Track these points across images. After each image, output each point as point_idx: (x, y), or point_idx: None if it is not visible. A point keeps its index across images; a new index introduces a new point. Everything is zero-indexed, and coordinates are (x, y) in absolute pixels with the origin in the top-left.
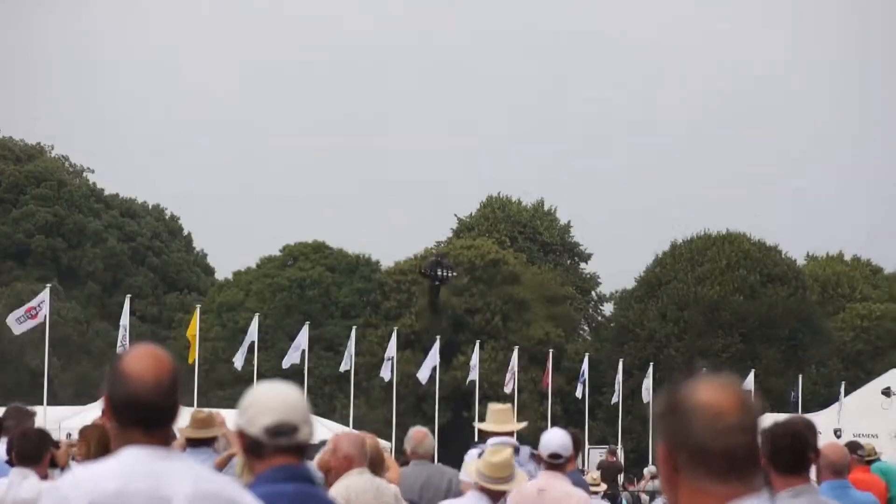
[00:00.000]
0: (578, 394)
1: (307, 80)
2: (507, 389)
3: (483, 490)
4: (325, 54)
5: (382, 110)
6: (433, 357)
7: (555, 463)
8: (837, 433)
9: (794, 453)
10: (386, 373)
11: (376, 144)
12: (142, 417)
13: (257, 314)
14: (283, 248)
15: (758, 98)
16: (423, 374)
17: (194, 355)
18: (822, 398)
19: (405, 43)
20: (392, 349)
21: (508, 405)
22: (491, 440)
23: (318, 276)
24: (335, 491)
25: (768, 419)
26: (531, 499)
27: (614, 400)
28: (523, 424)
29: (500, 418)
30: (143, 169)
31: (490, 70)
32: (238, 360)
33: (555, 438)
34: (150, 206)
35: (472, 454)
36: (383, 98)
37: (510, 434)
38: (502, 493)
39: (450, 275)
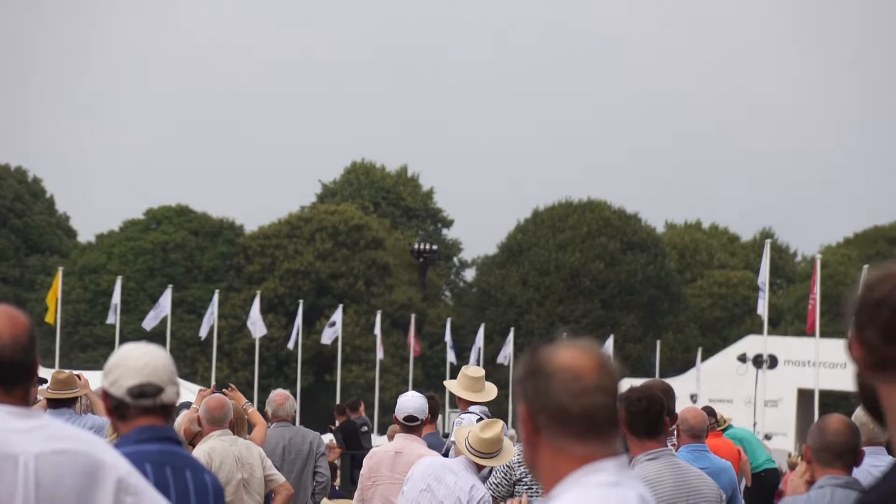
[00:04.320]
0: (452, 358)
1: (179, 47)
2: (378, 355)
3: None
4: (200, 29)
5: (252, 78)
6: (298, 321)
7: (410, 425)
8: (694, 398)
9: (650, 417)
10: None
11: (240, 108)
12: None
13: (120, 277)
14: (146, 211)
15: (624, 67)
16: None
17: (53, 316)
18: (680, 363)
19: (280, 17)
20: (255, 312)
21: (482, 371)
22: (475, 407)
23: (181, 239)
24: (196, 453)
25: (626, 384)
26: (387, 461)
27: (472, 362)
28: (494, 392)
29: (475, 386)
30: (3, 130)
31: (354, 39)
32: (110, 319)
33: (410, 401)
34: (13, 168)
35: (459, 421)
36: (253, 66)
37: (483, 405)
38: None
39: (435, 248)
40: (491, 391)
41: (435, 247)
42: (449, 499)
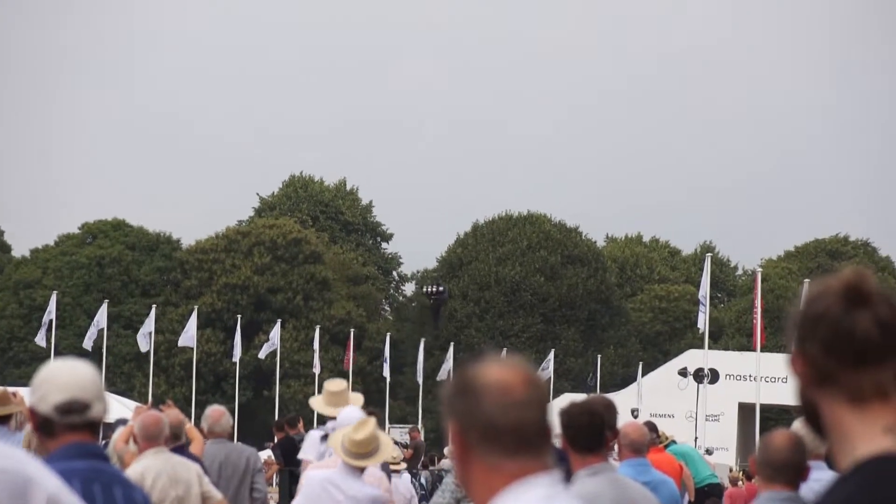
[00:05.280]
0: (386, 373)
1: (117, 61)
2: (315, 371)
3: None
4: (138, 43)
5: (190, 91)
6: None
7: None
8: (635, 413)
9: (591, 432)
10: (188, 339)
11: (178, 122)
12: None
13: (55, 292)
14: (81, 225)
15: (565, 79)
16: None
17: None
18: (620, 378)
19: (217, 32)
20: (192, 327)
21: (344, 383)
22: (332, 422)
23: (117, 254)
24: (131, 472)
25: (567, 399)
26: None
27: (419, 379)
28: (359, 404)
29: (335, 400)
30: None
31: (294, 54)
32: (39, 338)
33: (349, 417)
34: None
35: (313, 436)
36: (191, 80)
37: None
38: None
39: (442, 289)
40: (355, 403)
41: (441, 288)
42: None
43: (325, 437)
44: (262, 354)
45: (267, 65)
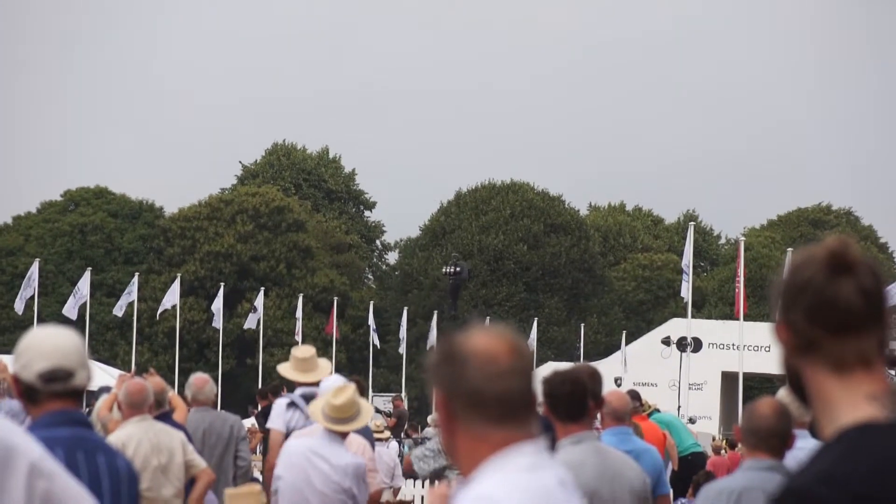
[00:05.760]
0: (376, 342)
1: (100, 30)
2: (298, 339)
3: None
4: (119, 6)
5: (172, 59)
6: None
7: None
8: (618, 381)
9: (574, 401)
10: (169, 302)
11: (160, 89)
12: None
13: (38, 259)
14: (64, 192)
15: (547, 49)
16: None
17: None
18: (604, 347)
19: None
20: (175, 295)
21: (312, 350)
22: (300, 390)
23: (100, 221)
24: (113, 439)
25: (550, 368)
26: None
27: (401, 349)
28: (327, 371)
29: (303, 367)
30: None
31: (277, 22)
32: (18, 305)
33: (333, 385)
34: None
35: (280, 404)
36: (173, 47)
37: (315, 384)
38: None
39: (462, 269)
40: (323, 370)
41: (458, 269)
42: (327, 485)
43: (291, 405)
44: (248, 324)
45: (250, 33)
